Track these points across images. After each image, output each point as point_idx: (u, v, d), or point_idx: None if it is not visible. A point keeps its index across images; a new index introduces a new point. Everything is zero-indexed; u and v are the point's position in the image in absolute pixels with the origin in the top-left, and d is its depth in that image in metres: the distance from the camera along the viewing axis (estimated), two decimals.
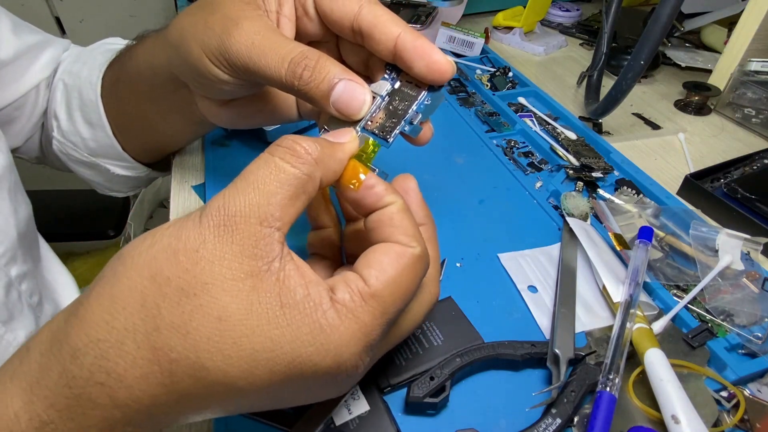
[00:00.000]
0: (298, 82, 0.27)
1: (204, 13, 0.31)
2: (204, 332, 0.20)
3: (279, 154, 0.22)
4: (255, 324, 0.20)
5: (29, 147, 0.54)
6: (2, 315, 0.37)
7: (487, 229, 0.45)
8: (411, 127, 0.29)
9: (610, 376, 0.30)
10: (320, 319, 0.21)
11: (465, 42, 0.73)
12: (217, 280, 0.20)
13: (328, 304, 0.21)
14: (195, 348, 0.20)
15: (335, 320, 0.21)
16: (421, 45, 0.27)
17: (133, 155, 0.49)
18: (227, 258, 0.20)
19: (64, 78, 0.49)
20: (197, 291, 0.20)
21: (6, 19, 0.47)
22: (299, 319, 0.20)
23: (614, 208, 0.45)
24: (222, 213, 0.21)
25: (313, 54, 0.27)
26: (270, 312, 0.20)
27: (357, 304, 0.21)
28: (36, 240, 0.48)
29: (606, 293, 0.38)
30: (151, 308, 0.20)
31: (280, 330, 0.20)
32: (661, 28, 0.47)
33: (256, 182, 0.22)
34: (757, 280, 0.39)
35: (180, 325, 0.20)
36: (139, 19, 1.35)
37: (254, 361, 0.20)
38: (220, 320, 0.20)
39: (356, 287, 0.22)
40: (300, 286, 0.21)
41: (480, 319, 0.36)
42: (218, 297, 0.20)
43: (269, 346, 0.20)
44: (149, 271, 0.20)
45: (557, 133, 0.57)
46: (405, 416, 0.31)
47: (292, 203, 0.22)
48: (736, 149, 0.58)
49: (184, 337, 0.20)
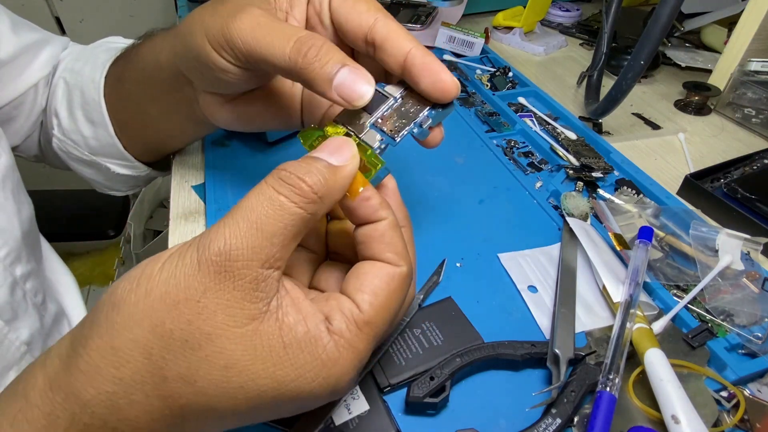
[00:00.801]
0: (302, 59, 0.27)
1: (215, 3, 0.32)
2: (211, 380, 0.20)
3: (284, 192, 0.22)
4: (261, 368, 0.21)
5: (28, 145, 0.54)
6: (6, 314, 0.37)
7: (487, 229, 0.45)
8: (420, 130, 0.29)
9: (610, 376, 0.30)
10: (321, 355, 0.21)
11: (465, 42, 0.73)
12: (220, 329, 0.20)
13: (327, 338, 0.22)
14: (204, 394, 0.20)
15: (334, 353, 0.22)
16: (429, 62, 0.28)
17: (134, 154, 0.49)
18: (230, 305, 0.21)
19: (65, 76, 0.49)
20: (202, 342, 0.20)
21: (5, 17, 0.47)
22: (302, 358, 0.21)
23: (614, 208, 0.45)
24: (223, 258, 0.21)
25: (319, 38, 0.28)
26: (273, 353, 0.21)
27: (353, 334, 0.22)
28: (38, 239, 0.48)
29: (606, 293, 0.38)
30: (156, 360, 0.20)
31: (284, 370, 0.21)
32: (661, 28, 0.47)
33: (259, 223, 0.21)
34: (757, 280, 0.39)
35: (187, 375, 0.20)
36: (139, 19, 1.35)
37: (260, 399, 0.21)
38: (227, 368, 0.20)
39: (351, 315, 0.23)
40: (299, 322, 0.22)
41: (480, 319, 0.36)
42: (223, 346, 0.20)
43: (275, 386, 0.21)
44: (150, 323, 0.20)
45: (557, 133, 0.57)
46: (405, 416, 0.31)
47: (293, 240, 0.22)
48: (736, 149, 0.57)
49: (193, 386, 0.20)
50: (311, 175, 0.23)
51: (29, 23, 0.50)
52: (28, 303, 0.40)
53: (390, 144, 0.28)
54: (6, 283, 0.38)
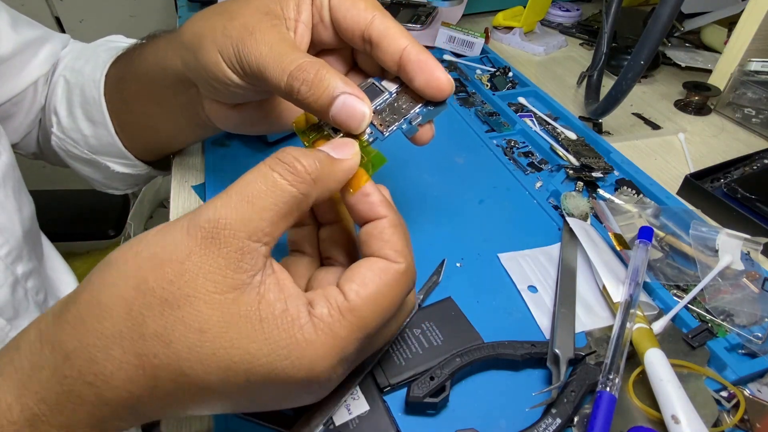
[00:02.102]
0: (296, 96, 0.28)
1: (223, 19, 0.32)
2: (185, 342, 0.20)
3: (279, 170, 0.22)
4: (234, 337, 0.21)
5: (27, 143, 0.54)
6: (8, 312, 0.38)
7: (487, 229, 0.45)
8: (408, 127, 0.29)
9: (610, 376, 0.30)
10: (296, 333, 0.21)
11: (465, 42, 0.73)
12: (200, 293, 0.21)
13: (305, 319, 0.22)
14: (177, 356, 0.21)
15: (311, 335, 0.22)
16: (424, 60, 0.28)
17: (134, 153, 0.49)
18: (212, 271, 0.21)
19: (65, 74, 0.49)
20: (180, 303, 0.21)
21: (5, 14, 0.47)
22: (276, 334, 0.21)
23: (614, 208, 0.45)
24: (212, 225, 0.21)
25: (311, 67, 0.27)
26: (249, 326, 0.21)
27: (334, 319, 0.22)
28: (39, 238, 0.48)
29: (606, 293, 0.38)
30: (136, 317, 0.21)
31: (257, 344, 0.21)
32: (661, 28, 0.47)
33: (251, 196, 0.22)
34: (757, 280, 0.39)
35: (163, 334, 0.20)
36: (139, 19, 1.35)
37: (231, 371, 0.21)
38: (201, 332, 0.21)
39: (335, 302, 0.23)
40: (279, 300, 0.22)
41: (480, 319, 0.36)
42: (200, 309, 0.21)
43: (247, 359, 0.21)
44: (135, 280, 0.21)
45: (557, 133, 0.57)
46: (405, 416, 0.31)
47: (284, 220, 0.23)
48: (736, 149, 0.58)
49: (167, 346, 0.20)
50: (307, 158, 0.23)
51: (29, 20, 0.50)
52: (30, 301, 0.40)
53: (378, 137, 0.28)
54: (7, 281, 0.38)
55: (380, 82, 0.30)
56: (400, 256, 0.24)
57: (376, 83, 0.30)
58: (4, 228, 0.39)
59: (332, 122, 0.28)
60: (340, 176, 0.25)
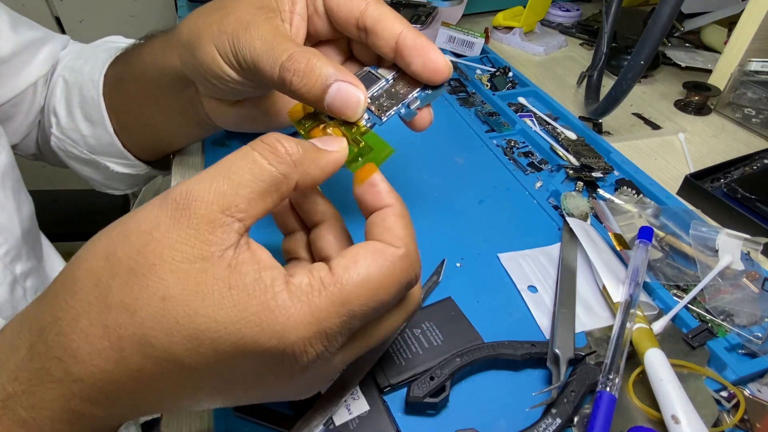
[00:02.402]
0: (289, 87, 0.28)
1: (218, 15, 0.31)
2: (149, 311, 0.20)
3: (259, 149, 0.22)
4: (199, 305, 0.20)
5: (26, 144, 0.54)
6: (6, 311, 0.38)
7: (487, 229, 0.45)
8: (407, 111, 0.29)
9: (610, 376, 0.30)
10: (269, 300, 0.20)
11: (465, 42, 0.73)
12: (165, 261, 0.20)
13: (280, 287, 0.21)
14: (141, 326, 0.20)
15: (286, 302, 0.21)
16: (421, 43, 0.28)
17: (134, 153, 0.49)
18: (180, 241, 0.21)
19: (64, 74, 0.49)
20: (145, 272, 0.20)
21: (5, 14, 0.47)
22: (246, 300, 0.20)
23: (614, 208, 0.45)
24: (183, 197, 0.21)
25: (302, 57, 0.27)
26: (216, 294, 0.20)
27: (313, 288, 0.21)
28: (39, 237, 0.48)
29: (606, 293, 0.38)
30: (103, 288, 0.21)
31: (224, 311, 0.20)
32: (661, 28, 0.47)
33: (228, 172, 0.22)
34: (757, 280, 0.39)
35: (128, 303, 0.20)
36: (139, 19, 1.35)
37: (197, 340, 0.20)
38: (164, 300, 0.20)
39: (317, 273, 0.22)
40: (252, 270, 0.21)
41: (480, 319, 0.36)
42: (164, 278, 0.20)
43: (213, 327, 0.20)
44: (104, 252, 0.21)
45: (557, 133, 0.57)
46: (405, 416, 0.31)
47: (261, 198, 0.22)
48: (736, 149, 0.57)
49: (132, 316, 0.20)
50: (290, 142, 0.23)
51: (29, 21, 0.50)
52: (29, 301, 0.40)
53: (377, 123, 0.28)
54: (6, 280, 0.38)
55: (376, 70, 0.30)
56: (399, 241, 0.24)
57: (373, 71, 0.30)
58: (3, 227, 0.39)
59: (328, 111, 0.27)
60: (324, 164, 0.25)
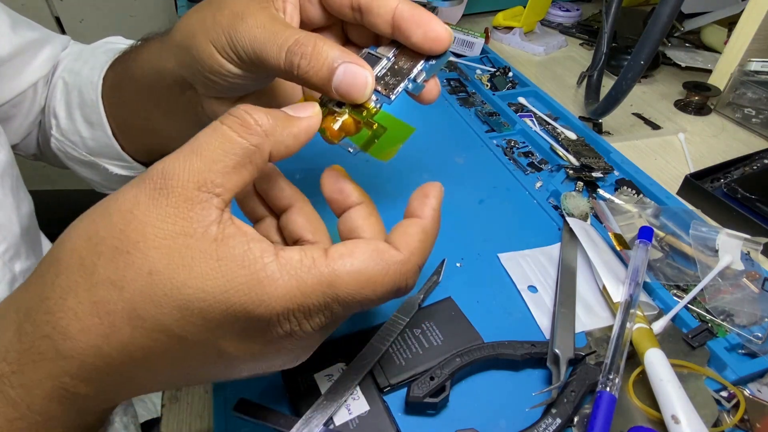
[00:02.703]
0: (296, 71, 0.27)
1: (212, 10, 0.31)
2: (136, 286, 0.20)
3: (228, 123, 0.23)
4: (187, 277, 0.20)
5: (27, 144, 0.54)
6: None
7: (487, 229, 0.45)
8: (414, 85, 0.29)
9: (610, 376, 0.30)
10: (259, 271, 0.21)
11: (465, 42, 0.73)
12: (149, 238, 0.21)
13: (270, 259, 0.21)
14: (130, 300, 0.21)
15: (275, 273, 0.21)
16: (418, 14, 0.28)
17: (133, 155, 0.49)
18: (160, 219, 0.21)
19: (64, 76, 0.49)
20: (129, 249, 0.21)
21: (5, 15, 0.47)
22: (234, 271, 0.21)
23: (614, 208, 0.45)
24: (160, 176, 0.21)
25: (309, 40, 0.27)
26: (204, 266, 0.21)
27: (303, 264, 0.22)
28: (38, 236, 0.48)
29: (606, 293, 0.38)
30: (88, 266, 0.21)
31: (213, 281, 0.21)
32: (661, 28, 0.47)
33: (200, 149, 0.22)
34: (757, 280, 0.39)
35: (115, 280, 0.21)
36: (139, 19, 1.35)
37: (187, 310, 0.21)
38: (150, 274, 0.20)
39: (310, 253, 0.22)
40: (240, 243, 0.21)
41: (480, 319, 0.36)
42: (149, 254, 0.21)
43: (201, 296, 0.21)
44: (86, 233, 0.21)
45: (557, 133, 0.57)
46: (405, 416, 0.31)
47: (236, 171, 0.22)
48: (736, 149, 0.57)
49: (120, 291, 0.21)
50: (258, 113, 0.23)
51: (30, 21, 0.50)
52: None
53: (385, 103, 0.28)
54: (5, 278, 0.38)
55: (375, 50, 0.30)
56: (406, 249, 0.24)
57: (372, 52, 0.30)
58: (2, 225, 0.39)
59: (335, 94, 0.27)
60: (297, 132, 0.25)
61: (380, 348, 0.33)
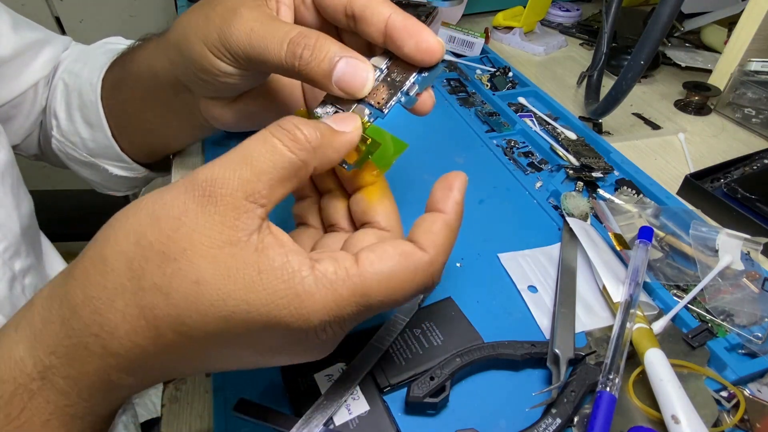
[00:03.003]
0: (298, 62, 0.27)
1: (205, 8, 0.32)
2: (183, 293, 0.21)
3: (278, 135, 0.23)
4: (232, 288, 0.21)
5: (28, 144, 0.54)
6: (6, 308, 0.38)
7: (487, 229, 0.45)
8: (407, 98, 0.29)
9: (610, 376, 0.30)
10: (297, 285, 0.21)
11: (465, 42, 0.73)
12: (196, 246, 0.21)
13: (307, 272, 0.22)
14: (176, 307, 0.21)
15: (312, 287, 0.21)
16: (411, 25, 0.28)
17: (132, 156, 0.49)
18: (207, 227, 0.21)
19: (64, 77, 0.49)
20: (177, 256, 0.21)
21: (6, 15, 0.47)
22: (275, 284, 0.21)
23: (614, 208, 0.45)
24: (209, 184, 0.22)
25: (311, 33, 0.28)
26: (247, 277, 0.21)
27: (338, 277, 0.22)
28: (38, 235, 0.48)
29: (606, 293, 0.38)
30: (136, 270, 0.21)
31: (256, 294, 0.21)
32: (661, 28, 0.47)
33: (250, 158, 0.22)
34: (757, 280, 0.39)
35: (162, 286, 0.21)
36: (139, 19, 1.35)
37: (231, 320, 0.21)
38: (198, 283, 0.21)
39: (343, 264, 0.22)
40: (279, 255, 0.22)
41: (480, 319, 0.36)
42: (196, 262, 0.21)
43: (245, 308, 0.21)
44: (135, 236, 0.22)
45: (557, 133, 0.57)
46: (405, 416, 0.31)
47: (281, 184, 0.23)
48: (736, 149, 0.57)
49: (166, 297, 0.21)
50: (308, 127, 0.23)
51: (30, 22, 0.50)
52: (28, 298, 0.40)
53: (379, 116, 0.28)
54: (5, 277, 0.38)
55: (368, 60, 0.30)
56: (432, 248, 0.24)
57: None
58: (2, 224, 0.39)
59: (334, 88, 0.27)
60: (340, 147, 0.25)
61: (380, 348, 0.33)
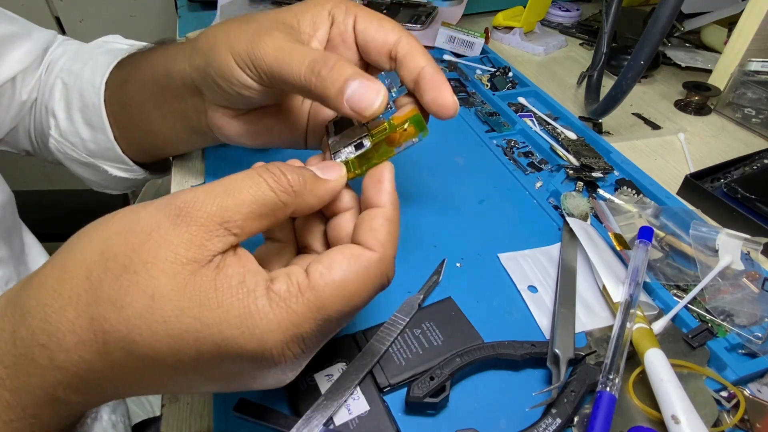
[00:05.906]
0: (315, 78, 0.29)
1: (239, 23, 0.33)
2: (136, 308, 0.20)
3: (264, 176, 0.24)
4: (186, 305, 0.21)
5: (14, 139, 0.53)
6: None
7: (487, 229, 0.45)
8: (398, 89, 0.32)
9: (610, 376, 0.30)
10: (251, 304, 0.21)
11: (465, 42, 0.73)
12: (158, 260, 0.21)
13: (261, 291, 0.22)
14: (127, 322, 0.20)
15: (265, 307, 0.21)
16: (438, 79, 0.31)
17: (132, 157, 0.49)
18: (175, 243, 0.21)
19: (62, 77, 0.49)
20: (138, 269, 0.21)
21: None
22: (229, 303, 0.21)
23: (614, 208, 0.45)
24: (187, 205, 0.22)
25: (332, 57, 0.29)
26: (203, 295, 0.21)
27: (291, 294, 0.22)
28: (17, 228, 0.47)
29: (606, 293, 0.38)
30: (94, 280, 0.21)
31: (210, 311, 0.21)
32: (661, 28, 0.47)
33: (234, 190, 0.23)
34: (757, 280, 0.39)
35: (116, 299, 0.21)
36: (139, 19, 1.35)
37: (182, 340, 0.21)
38: (153, 298, 0.20)
39: (295, 279, 0.23)
40: (237, 273, 0.22)
41: (480, 319, 0.36)
42: (155, 276, 0.21)
43: (197, 327, 0.21)
44: (101, 247, 0.22)
45: (557, 133, 0.57)
46: (405, 416, 0.31)
47: (257, 219, 0.23)
48: (736, 149, 0.57)
49: (118, 311, 0.21)
50: (293, 173, 0.25)
51: (8, 15, 0.49)
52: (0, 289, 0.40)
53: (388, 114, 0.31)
54: None
55: None
56: (379, 245, 0.25)
57: None
58: None
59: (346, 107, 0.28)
60: (321, 194, 0.26)
61: (380, 348, 0.33)
